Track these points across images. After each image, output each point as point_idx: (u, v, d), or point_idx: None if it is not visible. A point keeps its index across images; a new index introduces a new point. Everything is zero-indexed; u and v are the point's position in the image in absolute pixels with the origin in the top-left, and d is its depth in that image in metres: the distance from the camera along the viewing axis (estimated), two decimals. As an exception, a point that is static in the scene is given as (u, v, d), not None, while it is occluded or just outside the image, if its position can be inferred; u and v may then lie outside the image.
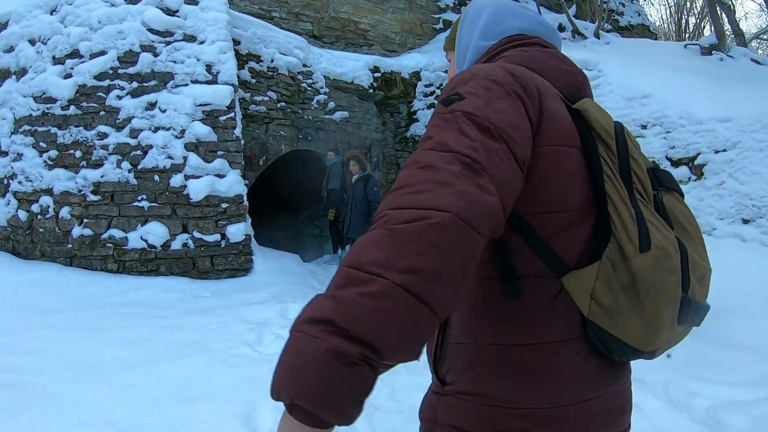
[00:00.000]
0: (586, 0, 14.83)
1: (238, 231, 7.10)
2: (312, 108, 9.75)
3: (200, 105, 7.42)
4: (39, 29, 7.62)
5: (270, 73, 9.18)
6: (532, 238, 1.02)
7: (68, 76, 7.29)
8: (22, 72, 7.60)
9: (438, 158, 0.89)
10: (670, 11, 25.28)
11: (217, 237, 7.12)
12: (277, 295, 6.30)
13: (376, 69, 10.99)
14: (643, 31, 17.03)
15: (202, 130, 7.25)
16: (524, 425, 1.01)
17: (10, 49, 7.79)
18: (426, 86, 11.01)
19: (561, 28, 13.10)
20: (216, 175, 7.21)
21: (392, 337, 0.76)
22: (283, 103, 9.29)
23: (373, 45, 12.86)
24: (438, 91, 10.89)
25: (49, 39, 7.49)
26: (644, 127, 8.41)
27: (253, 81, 8.95)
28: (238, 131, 7.46)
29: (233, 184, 7.18)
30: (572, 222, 1.04)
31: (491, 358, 1.04)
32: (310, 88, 9.74)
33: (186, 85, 7.39)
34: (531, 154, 0.99)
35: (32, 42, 7.64)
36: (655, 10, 31.75)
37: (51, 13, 7.69)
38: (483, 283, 1.06)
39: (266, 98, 9.07)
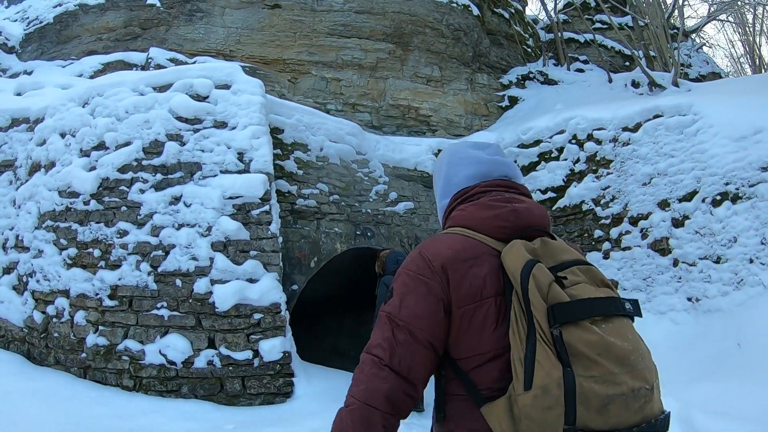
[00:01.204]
0: (657, 52, 13.27)
1: (273, 348, 5.61)
2: (370, 200, 8.44)
3: (230, 198, 6.26)
4: (70, 122, 6.92)
5: (320, 163, 8.03)
6: (453, 366, 1.41)
7: (92, 168, 6.40)
8: (50, 165, 6.84)
9: (366, 357, 1.43)
10: (741, 49, 22.90)
11: (248, 354, 5.66)
12: (320, 429, 4.65)
13: (440, 151, 9.66)
14: (715, 78, 15.12)
15: (230, 227, 6.01)
16: None
17: (43, 143, 7.08)
18: (499, 167, 9.53)
19: (635, 84, 11.53)
20: (247, 280, 5.86)
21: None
22: (336, 196, 8.03)
23: (436, 130, 11.66)
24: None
25: (77, 131, 6.72)
26: (765, 169, 6.51)
27: (300, 172, 7.80)
28: (274, 227, 6.16)
29: (268, 290, 5.78)
30: (489, 359, 1.34)
31: None
32: (366, 178, 8.49)
33: (215, 176, 6.27)
34: (442, 316, 1.39)
35: (63, 135, 6.93)
36: (719, 59, 29.62)
37: (83, 106, 6.95)
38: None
39: (316, 191, 7.86)
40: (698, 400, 4.90)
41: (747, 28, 19.26)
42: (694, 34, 17.26)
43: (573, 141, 8.77)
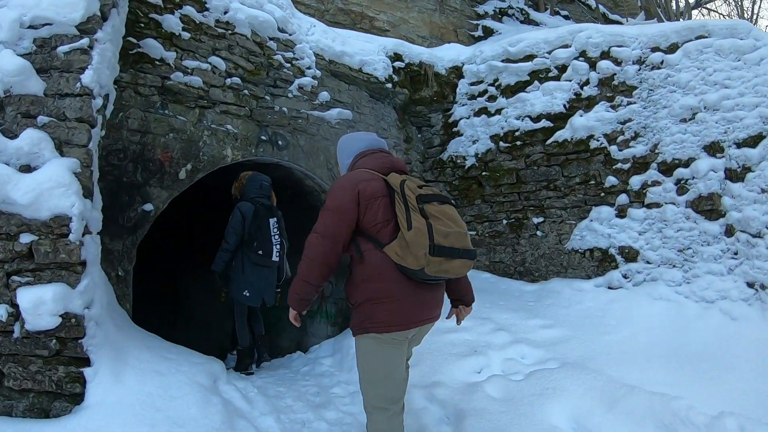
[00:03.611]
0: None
1: (39, 303, 2.70)
2: (289, 96, 5.53)
3: (31, 27, 3.29)
4: None
5: (220, 30, 5.06)
6: (365, 235, 2.63)
7: None
8: None
9: (312, 235, 2.64)
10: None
11: (1, 313, 2.76)
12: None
13: (397, 57, 6.85)
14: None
15: (8, 66, 3.04)
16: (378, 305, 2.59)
17: None
18: (472, 84, 6.83)
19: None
20: (20, 168, 2.94)
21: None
22: (238, 80, 5.10)
23: (393, 46, 8.82)
24: (492, 90, 6.70)
25: None
26: None
27: (187, 36, 4.83)
28: (90, 78, 3.18)
29: (50, 189, 2.84)
30: (382, 225, 2.60)
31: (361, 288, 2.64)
32: (288, 65, 5.56)
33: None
34: (358, 206, 2.60)
35: None
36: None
37: None
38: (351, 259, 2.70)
39: (206, 66, 4.90)
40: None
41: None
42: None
43: (581, 58, 6.14)
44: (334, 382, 4.21)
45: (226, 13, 5.15)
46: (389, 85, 6.53)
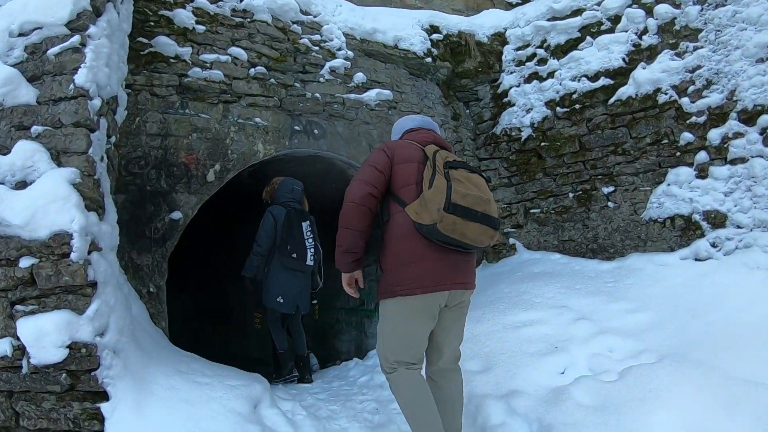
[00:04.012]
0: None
1: (41, 333, 2.34)
2: (321, 81, 5.08)
3: (21, 35, 3.00)
4: None
5: (237, 19, 4.68)
6: (395, 197, 2.63)
7: None
8: None
9: (353, 182, 2.64)
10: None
11: (5, 347, 2.44)
12: None
13: (434, 29, 6.27)
14: None
15: (-6, 75, 2.71)
16: (404, 267, 2.55)
17: None
18: (519, 49, 6.16)
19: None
20: (16, 185, 2.60)
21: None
22: (263, 69, 4.69)
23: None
24: (541, 53, 6.03)
25: None
26: None
27: (202, 29, 4.46)
28: (84, 78, 2.81)
29: (47, 204, 2.48)
30: (411, 188, 2.59)
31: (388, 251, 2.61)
32: (316, 48, 5.11)
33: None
34: (392, 165, 2.65)
35: None
36: None
37: None
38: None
39: (226, 59, 4.53)
40: None
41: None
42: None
43: (635, 5, 5.40)
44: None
45: (242, 0, 4.76)
46: (429, 60, 5.98)
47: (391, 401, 3.45)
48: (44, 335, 2.34)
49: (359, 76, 5.33)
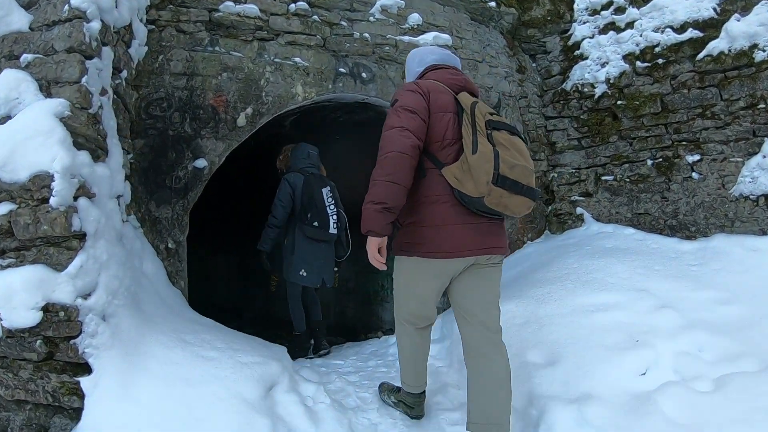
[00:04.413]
0: None
1: (11, 291, 1.96)
2: (370, 20, 4.50)
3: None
4: None
5: (278, -53, 4.13)
6: (427, 152, 2.37)
7: None
8: None
9: (390, 131, 2.29)
10: None
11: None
12: None
13: (501, -30, 5.56)
14: None
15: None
16: (430, 229, 2.36)
17: None
18: (594, -3, 5.42)
19: None
20: (0, 120, 2.19)
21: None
22: (304, 4, 4.15)
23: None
24: (618, 0, 5.23)
25: None
26: None
27: (237, -41, 3.93)
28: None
29: (26, 139, 2.07)
30: (448, 144, 2.36)
31: (414, 209, 2.40)
32: (365, -16, 4.53)
33: None
34: (428, 115, 2.33)
35: None
36: None
37: None
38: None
39: (262, -9, 4.00)
40: None
41: None
42: None
43: (736, -57, 4.56)
44: (438, 384, 3.14)
45: (283, -73, 4.19)
46: (492, 4, 5.28)
47: (434, 392, 2.97)
48: (13, 294, 1.95)
49: (414, 17, 4.71)
